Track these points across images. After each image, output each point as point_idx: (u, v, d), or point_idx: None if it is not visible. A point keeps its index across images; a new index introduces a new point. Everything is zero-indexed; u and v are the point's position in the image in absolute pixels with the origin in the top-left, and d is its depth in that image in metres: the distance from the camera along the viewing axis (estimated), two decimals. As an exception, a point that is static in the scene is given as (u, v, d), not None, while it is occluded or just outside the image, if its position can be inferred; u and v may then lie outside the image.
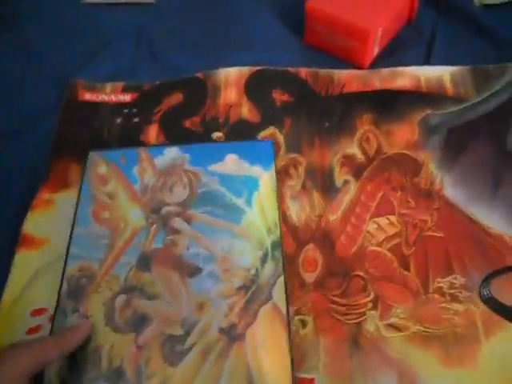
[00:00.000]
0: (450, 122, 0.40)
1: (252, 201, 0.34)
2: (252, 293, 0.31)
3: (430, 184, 0.37)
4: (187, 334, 0.29)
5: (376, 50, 0.42)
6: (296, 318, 0.32)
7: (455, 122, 0.40)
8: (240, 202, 0.34)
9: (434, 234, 0.35)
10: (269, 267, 0.32)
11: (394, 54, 0.44)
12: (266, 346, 0.29)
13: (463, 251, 0.34)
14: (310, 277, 0.34)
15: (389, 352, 0.31)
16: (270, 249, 0.33)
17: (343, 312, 0.32)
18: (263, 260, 0.32)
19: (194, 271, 0.31)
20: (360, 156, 0.38)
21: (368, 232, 0.35)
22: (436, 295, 0.32)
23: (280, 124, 0.41)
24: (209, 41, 0.42)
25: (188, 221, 0.34)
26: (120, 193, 0.35)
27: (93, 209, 0.34)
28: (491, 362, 0.30)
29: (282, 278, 0.31)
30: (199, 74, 0.44)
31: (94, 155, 0.36)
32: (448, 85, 0.41)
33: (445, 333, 0.31)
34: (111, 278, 0.31)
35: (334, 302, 0.33)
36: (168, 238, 0.33)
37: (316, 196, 0.37)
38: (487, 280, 0.29)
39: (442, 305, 0.32)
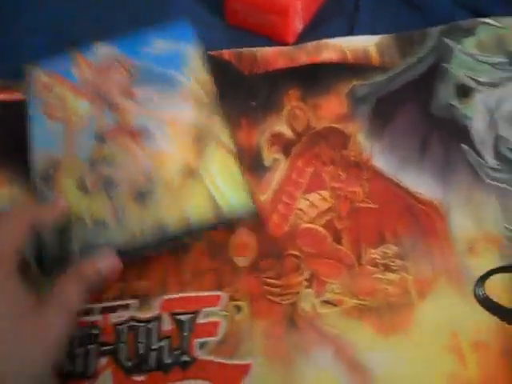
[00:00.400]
0: (377, 92, 0.39)
1: (186, 72, 0.37)
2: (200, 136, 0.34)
3: (358, 155, 0.36)
4: (151, 182, 0.32)
5: (299, 25, 0.41)
6: (230, 304, 0.31)
7: (383, 92, 0.39)
8: (176, 74, 0.37)
9: (366, 205, 0.34)
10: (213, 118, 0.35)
11: (318, 27, 0.43)
12: (221, 174, 0.33)
13: (394, 220, 0.33)
14: (243, 261, 0.33)
15: (325, 328, 0.30)
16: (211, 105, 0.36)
17: (278, 293, 0.31)
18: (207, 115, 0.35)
19: (146, 134, 0.35)
20: (288, 133, 0.37)
21: (300, 209, 0.34)
22: (369, 267, 0.32)
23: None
24: (126, 25, 0.39)
25: (132, 98, 0.36)
26: (66, 93, 0.37)
27: (45, 111, 0.36)
28: (425, 325, 0.29)
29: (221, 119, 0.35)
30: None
31: (30, 68, 0.38)
32: (374, 54, 0.41)
33: (379, 304, 0.30)
34: (75, 159, 0.34)
35: (268, 284, 0.32)
36: (116, 115, 0.36)
37: (245, 177, 0.36)
38: (482, 279, 0.28)
39: (376, 275, 0.31)
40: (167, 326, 0.30)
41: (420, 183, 0.34)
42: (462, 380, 0.28)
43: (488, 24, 0.42)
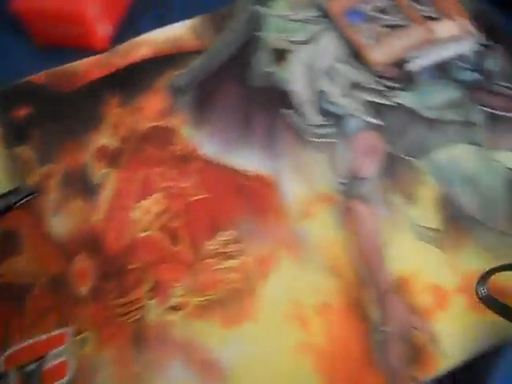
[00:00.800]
0: (197, 77, 0.38)
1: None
2: None
3: (185, 148, 0.35)
4: None
5: (105, 30, 0.39)
6: (76, 338, 0.29)
7: (202, 75, 0.38)
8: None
9: (199, 197, 0.33)
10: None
11: (131, 26, 0.41)
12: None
13: (228, 204, 0.32)
14: (84, 290, 0.31)
15: (173, 337, 0.29)
16: None
17: (124, 312, 0.30)
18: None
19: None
20: (113, 143, 0.36)
21: (135, 219, 0.33)
22: (208, 259, 0.31)
23: (28, 140, 0.37)
24: None
25: None
26: None
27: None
28: (271, 305, 0.29)
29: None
30: None
31: None
32: (188, 40, 0.40)
33: (222, 295, 0.29)
34: None
35: (113, 307, 0.30)
36: None
37: (78, 201, 0.34)
38: (484, 277, 0.27)
39: (216, 267, 0.30)
40: (14, 382, 0.28)
41: (248, 161, 0.34)
42: (309, 346, 0.27)
43: (295, -19, 0.41)
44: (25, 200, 0.34)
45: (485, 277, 0.28)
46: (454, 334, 0.27)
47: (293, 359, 0.27)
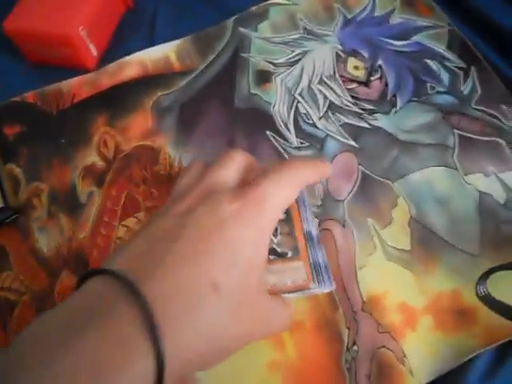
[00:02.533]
0: (181, 98, 0.39)
1: None
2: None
3: (169, 168, 0.36)
4: None
5: (94, 50, 0.40)
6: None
7: (186, 96, 0.39)
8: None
9: (181, 216, 0.34)
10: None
11: (120, 46, 0.42)
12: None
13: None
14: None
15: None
16: None
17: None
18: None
19: None
20: (100, 162, 0.37)
21: (119, 238, 0.34)
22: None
23: (16, 158, 0.38)
24: None
25: None
26: None
27: None
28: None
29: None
30: None
31: None
32: (174, 60, 0.41)
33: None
34: None
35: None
36: None
37: (63, 219, 0.35)
38: (484, 277, 0.28)
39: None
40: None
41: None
42: (280, 364, 0.28)
43: (279, 4, 0.42)
44: (11, 218, 0.35)
45: (484, 276, 0.29)
46: (422, 353, 0.28)
47: (263, 376, 0.28)
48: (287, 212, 0.28)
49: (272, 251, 0.26)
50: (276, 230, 0.27)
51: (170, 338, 0.17)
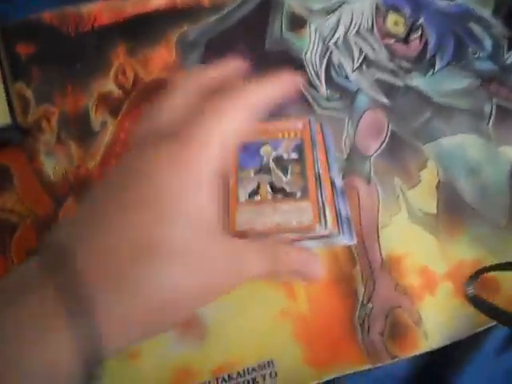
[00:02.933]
0: (208, 34, 0.37)
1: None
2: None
3: (189, 104, 0.34)
4: None
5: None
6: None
7: (214, 32, 0.37)
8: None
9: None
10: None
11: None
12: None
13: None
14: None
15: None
16: None
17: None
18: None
19: None
20: (116, 92, 0.35)
21: (130, 170, 0.32)
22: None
23: (27, 78, 0.36)
24: None
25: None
26: None
27: None
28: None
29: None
30: None
31: None
32: (204, -4, 0.38)
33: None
34: None
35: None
36: None
37: (73, 146, 0.33)
38: (473, 277, 0.27)
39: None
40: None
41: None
42: (291, 314, 0.27)
43: None
44: (18, 138, 0.33)
45: (473, 277, 0.28)
46: (438, 318, 0.27)
47: (274, 323, 0.27)
48: (300, 151, 0.27)
49: (280, 190, 0.26)
50: (286, 168, 0.26)
51: (101, 309, 0.15)
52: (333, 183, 0.28)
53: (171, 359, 0.27)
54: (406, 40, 0.36)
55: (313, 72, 0.35)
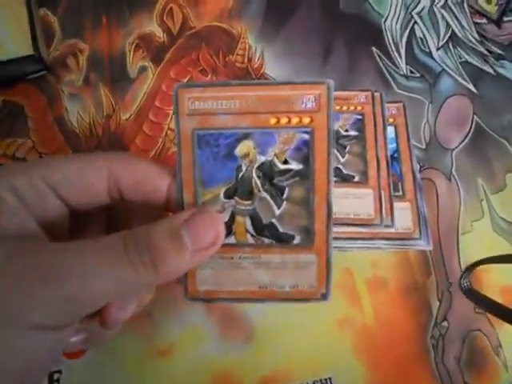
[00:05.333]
0: (273, -17, 0.31)
1: None
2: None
3: (247, 61, 0.28)
4: None
5: None
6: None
7: (280, -18, 0.31)
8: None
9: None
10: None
11: None
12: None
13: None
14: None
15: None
16: None
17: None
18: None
19: None
20: (160, 35, 0.29)
21: (171, 129, 0.27)
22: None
23: (54, 3, 0.30)
24: None
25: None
26: None
27: None
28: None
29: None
30: None
31: None
32: None
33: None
34: None
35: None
36: None
37: (104, 91, 0.28)
38: (468, 270, 0.24)
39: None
40: None
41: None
42: (354, 324, 0.23)
43: None
44: (39, 74, 0.28)
45: (469, 269, 0.24)
46: (519, 346, 0.23)
47: (332, 332, 0.23)
48: (360, 130, 0.23)
49: (335, 171, 0.20)
50: (344, 147, 0.22)
51: None
52: (414, 176, 0.23)
53: (209, 361, 0.22)
54: (498, 21, 0.31)
55: (392, 43, 0.30)
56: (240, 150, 0.16)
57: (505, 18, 0.31)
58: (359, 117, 0.24)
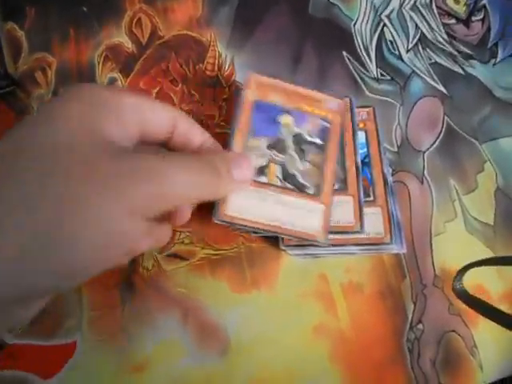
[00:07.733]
0: (243, -11, 0.31)
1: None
2: None
3: (217, 69, 0.28)
4: None
5: None
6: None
7: (249, -12, 0.31)
8: None
9: (223, 131, 0.27)
10: None
11: None
12: None
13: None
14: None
15: (171, 288, 0.23)
16: None
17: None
18: None
19: None
20: (129, 45, 0.29)
21: (143, 142, 0.26)
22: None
23: (20, 18, 0.29)
24: None
25: None
26: None
27: None
28: (289, 277, 0.24)
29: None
30: None
31: None
32: None
33: (238, 252, 0.24)
34: None
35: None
36: None
37: (73, 105, 0.27)
38: (461, 272, 0.23)
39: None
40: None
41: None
42: (330, 331, 0.23)
43: None
44: (5, 90, 0.27)
45: (462, 271, 0.24)
46: (494, 347, 0.24)
47: (308, 340, 0.23)
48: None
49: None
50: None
51: None
52: (385, 180, 0.23)
53: (185, 374, 0.22)
54: (466, 21, 0.31)
55: (362, 46, 0.30)
56: (283, 119, 0.23)
57: (473, 18, 0.32)
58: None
